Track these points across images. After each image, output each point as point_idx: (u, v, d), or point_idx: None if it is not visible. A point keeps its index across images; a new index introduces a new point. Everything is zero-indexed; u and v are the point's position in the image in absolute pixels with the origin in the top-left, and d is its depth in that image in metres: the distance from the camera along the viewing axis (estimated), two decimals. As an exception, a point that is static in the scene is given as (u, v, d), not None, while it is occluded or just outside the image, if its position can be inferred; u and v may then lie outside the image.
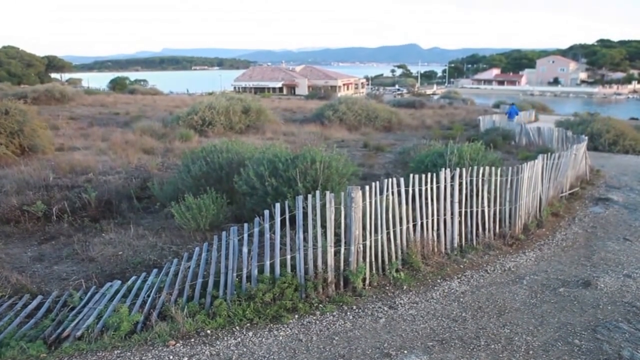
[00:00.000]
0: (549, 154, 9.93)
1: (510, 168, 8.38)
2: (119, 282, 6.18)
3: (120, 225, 8.85)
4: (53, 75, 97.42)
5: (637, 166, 16.20)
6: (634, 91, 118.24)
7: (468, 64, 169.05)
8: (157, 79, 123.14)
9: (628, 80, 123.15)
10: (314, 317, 5.45)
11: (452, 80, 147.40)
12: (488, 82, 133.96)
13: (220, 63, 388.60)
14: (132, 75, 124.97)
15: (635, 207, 10.52)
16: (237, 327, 5.21)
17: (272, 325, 5.28)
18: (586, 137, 14.59)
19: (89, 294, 5.97)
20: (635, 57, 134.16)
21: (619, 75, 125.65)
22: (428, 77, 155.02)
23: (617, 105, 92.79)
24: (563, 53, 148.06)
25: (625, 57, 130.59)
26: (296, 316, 5.45)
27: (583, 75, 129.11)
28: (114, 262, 7.16)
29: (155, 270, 6.37)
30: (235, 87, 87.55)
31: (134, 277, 6.24)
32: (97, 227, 8.82)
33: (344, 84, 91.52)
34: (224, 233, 5.97)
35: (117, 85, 71.43)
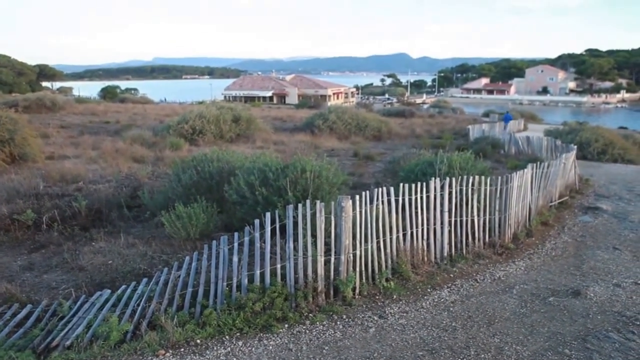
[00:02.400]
0: (538, 163, 10.01)
1: (499, 177, 8.44)
2: (109, 291, 6.14)
3: (110, 234, 8.81)
4: (44, 83, 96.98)
5: (626, 175, 16.36)
6: (623, 100, 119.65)
7: (457, 74, 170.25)
8: (148, 88, 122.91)
9: (616, 89, 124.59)
10: (304, 327, 5.45)
11: (441, 89, 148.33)
12: (477, 91, 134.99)
13: (211, 72, 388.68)
14: (123, 84, 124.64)
15: (625, 216, 10.60)
16: (226, 337, 5.19)
17: (262, 334, 5.27)
18: (575, 146, 14.71)
19: (78, 303, 5.94)
20: (623, 66, 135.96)
21: (608, 84, 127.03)
22: (418, 87, 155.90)
23: (606, 115, 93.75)
24: (552, 62, 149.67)
25: (613, 66, 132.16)
26: (286, 325, 5.45)
27: (572, 85, 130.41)
28: (103, 271, 7.12)
29: (145, 279, 6.35)
30: (225, 96, 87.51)
31: (123, 286, 6.20)
32: (87, 235, 8.79)
33: (334, 93, 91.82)
34: (214, 242, 5.97)
35: (107, 93, 71.13)
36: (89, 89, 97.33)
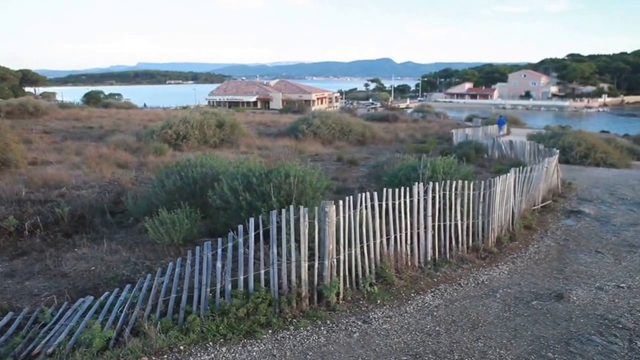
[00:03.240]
0: (521, 167, 10.11)
1: (482, 182, 8.50)
2: (92, 297, 6.07)
3: (93, 240, 8.72)
4: (27, 89, 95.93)
5: (608, 179, 16.56)
6: (604, 104, 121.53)
7: (441, 78, 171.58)
8: (132, 93, 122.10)
9: (598, 93, 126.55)
10: (288, 332, 5.43)
11: (425, 94, 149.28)
12: (461, 95, 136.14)
13: (195, 77, 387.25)
14: (107, 89, 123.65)
15: (607, 219, 10.74)
16: (210, 343, 5.15)
17: (245, 340, 5.24)
18: (558, 151, 14.88)
19: (60, 310, 5.86)
20: (604, 71, 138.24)
21: (589, 88, 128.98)
22: (401, 91, 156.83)
23: (588, 119, 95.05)
24: (534, 67, 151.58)
25: (595, 71, 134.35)
26: (270, 331, 5.42)
27: (554, 89, 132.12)
28: (86, 277, 7.04)
29: (128, 286, 6.29)
30: (209, 102, 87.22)
31: (106, 293, 6.15)
32: (69, 242, 8.70)
33: (318, 98, 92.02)
34: (197, 248, 5.93)
35: (91, 99, 70.40)
36: (73, 94, 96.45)
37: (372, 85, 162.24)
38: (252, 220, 5.80)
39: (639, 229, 9.96)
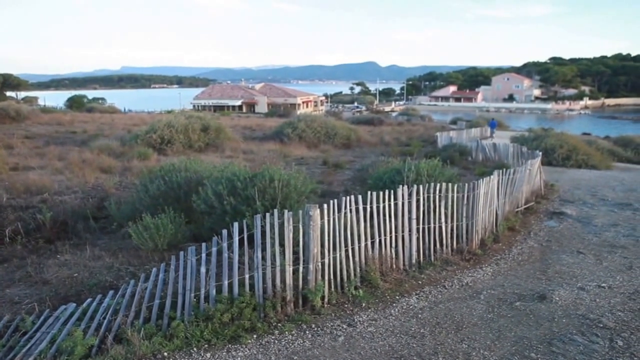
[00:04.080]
0: (505, 169, 10.20)
1: (466, 184, 8.56)
2: (74, 304, 5.99)
3: (76, 247, 8.61)
4: (8, 93, 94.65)
5: (589, 180, 16.79)
6: (586, 107, 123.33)
7: (425, 82, 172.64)
8: (116, 97, 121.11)
9: (580, 96, 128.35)
10: (273, 337, 5.42)
11: (410, 97, 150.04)
12: (445, 99, 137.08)
13: (180, 81, 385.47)
14: (90, 94, 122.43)
15: (589, 220, 10.87)
16: (194, 349, 5.12)
17: (230, 345, 5.22)
18: (540, 153, 15.05)
19: (42, 318, 5.77)
20: (585, 74, 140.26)
21: (571, 91, 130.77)
22: (386, 95, 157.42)
23: (570, 121, 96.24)
24: (517, 70, 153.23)
25: (576, 74, 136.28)
26: (255, 336, 5.40)
27: (537, 92, 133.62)
28: (69, 284, 6.93)
29: (111, 292, 6.21)
30: (194, 106, 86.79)
31: (89, 300, 6.06)
32: (51, 248, 8.57)
33: (303, 102, 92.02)
34: (181, 253, 5.89)
35: (74, 103, 69.64)
36: (55, 99, 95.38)
37: (357, 89, 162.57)
38: (236, 224, 5.78)
39: (619, 229, 10.10)
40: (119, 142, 22.37)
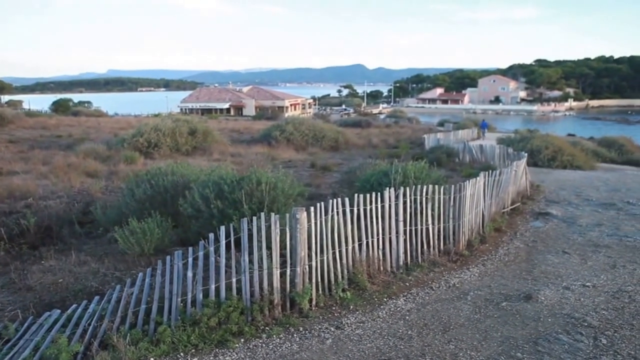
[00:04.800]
0: (491, 171, 10.27)
1: (453, 186, 8.61)
2: (58, 311, 5.92)
3: (61, 252, 8.51)
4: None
5: (574, 181, 16.96)
6: (570, 108, 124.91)
7: (413, 84, 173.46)
8: (102, 101, 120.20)
9: (564, 98, 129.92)
10: (260, 341, 5.40)
11: (397, 99, 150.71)
12: (432, 101, 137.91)
13: (167, 84, 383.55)
14: (76, 97, 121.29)
15: (573, 220, 10.98)
16: (181, 354, 5.09)
17: (217, 350, 5.20)
18: (526, 154, 15.19)
19: (25, 325, 5.70)
20: (570, 76, 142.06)
21: (556, 93, 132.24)
22: (374, 97, 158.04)
23: (555, 122, 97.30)
24: (503, 72, 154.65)
25: (561, 76, 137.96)
26: (242, 340, 5.39)
27: (523, 94, 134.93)
28: (53, 290, 6.86)
29: (97, 298, 6.15)
30: (182, 109, 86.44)
31: (74, 306, 6.00)
32: (36, 254, 8.45)
33: (291, 105, 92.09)
34: (168, 257, 5.85)
35: (59, 107, 68.89)
36: (40, 102, 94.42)
37: (345, 91, 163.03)
38: (223, 228, 5.75)
39: (603, 229, 10.22)
40: (105, 146, 22.21)
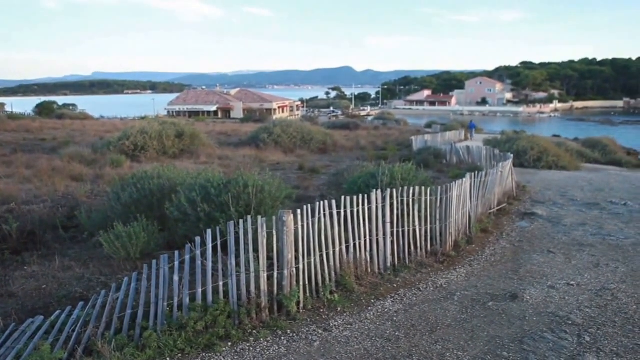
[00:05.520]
0: (477, 172, 10.33)
1: (439, 187, 8.65)
2: (42, 317, 5.83)
3: (44, 257, 8.38)
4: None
5: (559, 181, 17.13)
6: (555, 110, 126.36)
7: (400, 86, 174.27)
8: (87, 104, 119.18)
9: (550, 99, 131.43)
10: (248, 344, 5.37)
11: (385, 101, 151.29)
12: (420, 103, 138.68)
13: (154, 87, 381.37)
14: (61, 100, 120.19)
15: (558, 220, 11.09)
16: (167, 359, 5.05)
17: (204, 354, 5.16)
18: (512, 155, 15.30)
19: (7, 332, 5.60)
20: (555, 78, 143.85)
21: (542, 95, 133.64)
22: (362, 99, 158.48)
23: (541, 124, 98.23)
24: (490, 74, 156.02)
25: (546, 78, 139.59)
26: (229, 344, 5.36)
27: (509, 96, 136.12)
28: (36, 296, 6.76)
29: (81, 303, 6.07)
30: (169, 112, 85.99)
31: (57, 312, 5.91)
32: (18, 260, 8.32)
33: (279, 107, 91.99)
34: (154, 261, 5.80)
35: (43, 109, 68.08)
36: (23, 105, 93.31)
37: (333, 94, 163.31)
38: (209, 231, 5.72)
39: (587, 228, 10.34)
40: (90, 150, 21.99)
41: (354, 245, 7.16)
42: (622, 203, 12.87)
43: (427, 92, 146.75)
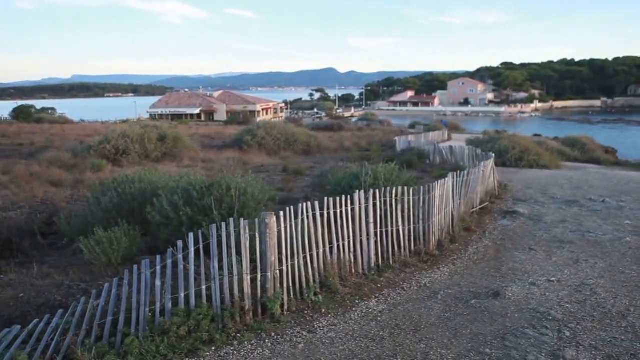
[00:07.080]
0: (459, 171, 10.39)
1: (422, 187, 8.68)
2: (19, 327, 5.69)
3: (22, 265, 8.20)
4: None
5: (540, 180, 17.31)
6: (536, 109, 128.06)
7: (384, 87, 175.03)
8: (67, 107, 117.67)
9: (530, 99, 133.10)
10: (232, 348, 5.33)
11: (369, 102, 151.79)
12: (403, 103, 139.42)
13: (135, 90, 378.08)
14: (39, 103, 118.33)
15: (540, 218, 11.20)
16: (150, 365, 4.98)
17: (187, 359, 5.10)
18: (494, 154, 15.42)
19: (-18, 343, 5.48)
20: (535, 78, 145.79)
21: (522, 95, 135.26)
22: (346, 100, 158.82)
23: (522, 123, 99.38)
24: (471, 75, 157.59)
25: (526, 78, 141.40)
26: (213, 348, 5.31)
27: (490, 96, 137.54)
28: (13, 305, 6.60)
29: (60, 311, 5.95)
30: (151, 115, 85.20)
31: (35, 321, 5.77)
32: (-6, 268, 8.16)
33: (263, 109, 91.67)
34: (135, 267, 5.72)
35: (21, 113, 66.68)
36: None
37: (317, 95, 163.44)
38: (191, 235, 5.66)
39: (567, 225, 10.47)
40: (70, 154, 21.71)
41: (338, 246, 7.15)
42: (600, 200, 13.04)
43: (410, 93, 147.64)
